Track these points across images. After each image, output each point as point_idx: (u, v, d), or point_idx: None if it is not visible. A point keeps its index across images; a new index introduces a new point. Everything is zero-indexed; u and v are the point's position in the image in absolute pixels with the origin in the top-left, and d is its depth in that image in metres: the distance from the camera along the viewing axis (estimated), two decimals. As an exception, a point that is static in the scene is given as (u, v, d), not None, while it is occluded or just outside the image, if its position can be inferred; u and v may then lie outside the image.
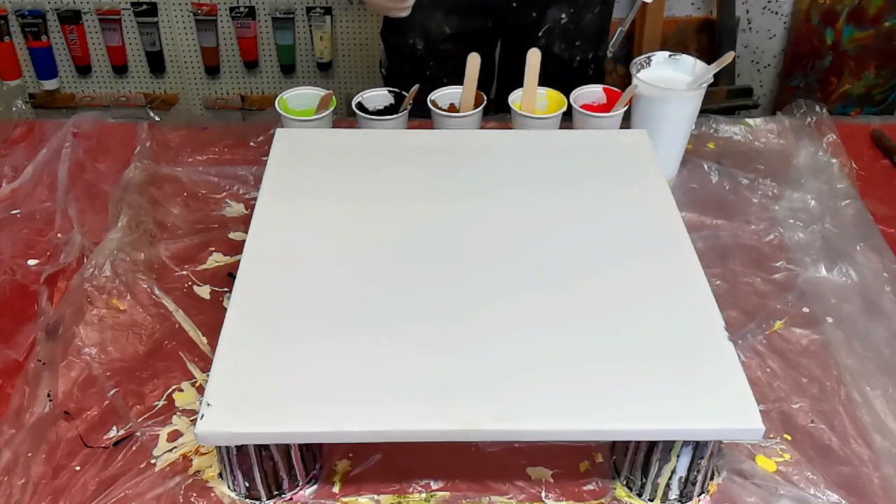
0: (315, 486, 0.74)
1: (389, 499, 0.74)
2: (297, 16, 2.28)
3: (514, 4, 1.23)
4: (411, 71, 1.29)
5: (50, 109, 2.36)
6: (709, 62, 1.04)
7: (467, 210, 0.86)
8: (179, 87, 2.40)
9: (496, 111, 1.25)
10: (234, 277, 0.84)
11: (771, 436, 0.79)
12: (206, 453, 0.76)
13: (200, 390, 0.82)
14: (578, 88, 1.08)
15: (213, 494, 0.73)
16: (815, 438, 0.79)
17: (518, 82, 1.07)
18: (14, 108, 1.26)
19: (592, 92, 1.09)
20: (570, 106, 1.06)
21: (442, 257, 0.80)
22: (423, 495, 0.74)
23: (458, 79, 1.08)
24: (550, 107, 1.08)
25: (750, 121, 1.23)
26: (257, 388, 0.68)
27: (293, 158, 0.93)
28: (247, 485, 0.72)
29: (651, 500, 0.74)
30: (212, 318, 0.90)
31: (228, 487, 0.73)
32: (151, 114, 1.23)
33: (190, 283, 0.95)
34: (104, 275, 0.94)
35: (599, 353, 0.71)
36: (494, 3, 1.24)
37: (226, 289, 0.94)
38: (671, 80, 1.06)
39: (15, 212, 1.05)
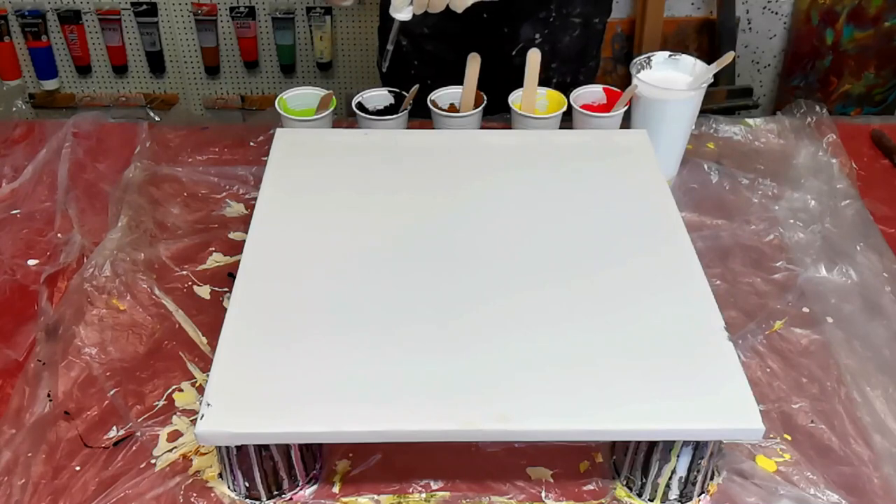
0: (315, 486, 0.74)
1: (389, 499, 0.74)
2: (297, 16, 2.28)
3: (485, 15, 1.21)
4: (400, 69, 1.29)
5: (50, 109, 2.36)
6: (709, 62, 1.04)
7: (467, 210, 0.86)
8: (179, 87, 2.41)
9: (492, 112, 1.25)
10: (234, 277, 0.85)
11: (771, 436, 0.79)
12: (206, 453, 0.76)
13: (200, 390, 0.82)
14: (578, 88, 1.08)
15: (213, 494, 0.73)
16: (815, 438, 0.79)
17: (500, 95, 1.07)
18: (14, 108, 1.26)
19: (592, 92, 1.09)
20: (570, 106, 1.06)
21: (442, 257, 0.80)
22: (423, 495, 0.74)
23: (442, 81, 1.08)
24: (550, 107, 1.08)
25: (750, 121, 1.23)
26: (257, 388, 0.68)
27: (293, 158, 0.93)
28: (247, 485, 0.72)
29: (651, 500, 0.74)
30: (212, 318, 0.90)
31: (228, 487, 0.73)
32: (151, 114, 1.23)
33: (190, 283, 0.95)
34: (104, 275, 0.94)
35: (599, 353, 0.71)
36: (468, 12, 1.22)
37: (226, 289, 0.94)
38: (671, 80, 1.06)
39: (15, 212, 1.05)
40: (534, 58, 1.05)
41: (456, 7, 0.97)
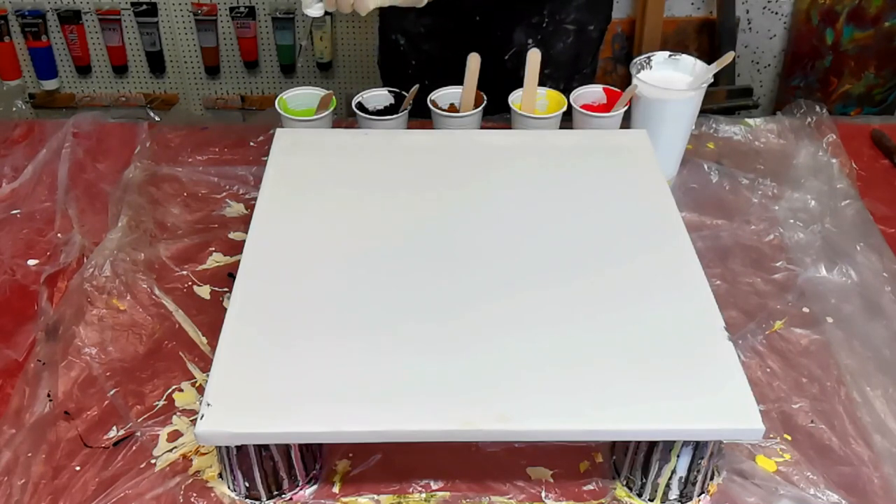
0: (315, 486, 0.74)
1: (389, 499, 0.74)
2: (297, 16, 2.28)
3: (478, 18, 1.20)
4: (398, 68, 1.29)
5: (50, 109, 2.36)
6: (709, 62, 1.04)
7: (467, 210, 0.86)
8: (179, 87, 2.41)
9: (492, 112, 1.25)
10: (234, 277, 0.85)
11: (771, 436, 0.79)
12: (206, 453, 0.76)
13: (200, 390, 0.82)
14: (578, 88, 1.08)
15: (213, 494, 0.73)
16: (815, 438, 0.79)
17: (499, 95, 1.07)
18: (14, 108, 1.26)
19: (592, 92, 1.09)
20: (570, 106, 1.06)
21: (442, 257, 0.80)
22: (423, 495, 0.74)
23: (441, 81, 1.08)
24: (550, 107, 1.08)
25: (750, 121, 1.23)
26: (257, 388, 0.68)
27: (293, 158, 0.93)
28: (247, 485, 0.72)
29: (651, 500, 0.74)
30: (212, 318, 0.90)
31: (228, 487, 0.73)
32: (151, 114, 1.23)
33: (190, 283, 0.95)
34: (104, 275, 0.94)
35: (599, 353, 0.71)
36: (460, 13, 1.22)
37: (226, 289, 0.94)
38: (671, 80, 1.06)
39: (15, 212, 1.05)
40: (534, 58, 1.05)
41: (359, 9, 0.95)
